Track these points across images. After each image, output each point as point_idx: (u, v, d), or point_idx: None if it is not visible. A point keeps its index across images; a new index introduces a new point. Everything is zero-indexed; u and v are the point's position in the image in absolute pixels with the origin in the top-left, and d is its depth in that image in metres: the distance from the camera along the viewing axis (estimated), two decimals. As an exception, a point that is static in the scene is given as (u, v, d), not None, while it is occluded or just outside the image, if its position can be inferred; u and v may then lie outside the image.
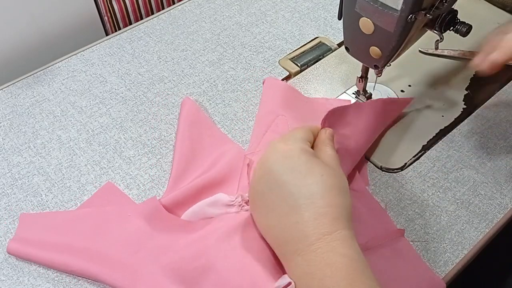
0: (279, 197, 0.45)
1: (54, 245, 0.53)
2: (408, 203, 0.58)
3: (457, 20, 0.54)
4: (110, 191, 0.59)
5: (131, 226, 0.54)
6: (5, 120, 0.68)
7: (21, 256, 0.53)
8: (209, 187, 0.57)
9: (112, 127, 0.66)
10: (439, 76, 0.71)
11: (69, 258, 0.52)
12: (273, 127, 0.61)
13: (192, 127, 0.63)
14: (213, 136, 0.63)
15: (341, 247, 0.42)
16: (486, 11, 0.80)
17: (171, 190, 0.57)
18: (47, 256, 0.52)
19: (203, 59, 0.75)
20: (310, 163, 0.46)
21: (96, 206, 0.57)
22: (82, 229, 0.54)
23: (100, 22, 0.86)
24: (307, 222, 0.43)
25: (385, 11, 0.50)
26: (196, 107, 0.66)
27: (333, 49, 0.75)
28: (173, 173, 0.59)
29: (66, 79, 0.73)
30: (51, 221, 0.56)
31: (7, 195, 0.60)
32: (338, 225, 0.43)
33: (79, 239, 0.53)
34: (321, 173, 0.45)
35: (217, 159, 0.60)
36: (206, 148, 0.62)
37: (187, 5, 0.83)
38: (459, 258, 0.53)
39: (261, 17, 0.81)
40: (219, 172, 0.58)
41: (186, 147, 0.61)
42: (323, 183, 0.45)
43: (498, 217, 0.57)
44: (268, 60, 0.74)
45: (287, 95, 0.66)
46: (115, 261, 0.51)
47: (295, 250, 0.44)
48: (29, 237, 0.54)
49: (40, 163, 0.63)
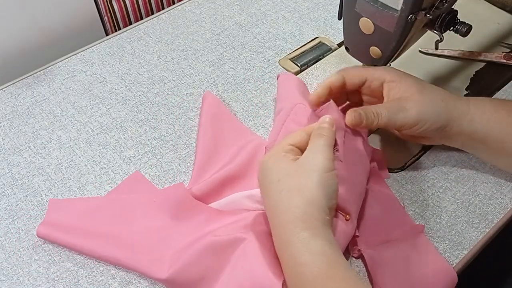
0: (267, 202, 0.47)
1: (81, 230, 0.54)
2: (408, 203, 0.58)
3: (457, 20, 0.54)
4: (137, 180, 0.60)
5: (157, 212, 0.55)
6: (5, 120, 0.68)
7: (49, 239, 0.55)
8: (232, 178, 0.58)
9: (112, 127, 0.66)
10: (439, 76, 0.71)
11: (95, 243, 0.53)
12: (292, 116, 0.61)
13: (213, 120, 0.64)
14: (235, 128, 0.64)
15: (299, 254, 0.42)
16: (486, 11, 0.80)
17: (195, 182, 0.58)
18: (74, 240, 0.54)
19: (203, 59, 0.75)
20: (271, 170, 0.46)
21: (123, 193, 0.59)
22: (109, 215, 0.56)
23: (100, 22, 0.86)
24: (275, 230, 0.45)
25: (385, 11, 0.50)
26: (217, 100, 0.67)
27: (333, 49, 0.75)
28: (196, 166, 0.60)
29: (66, 79, 0.73)
30: (79, 207, 0.57)
31: (7, 195, 0.60)
32: (295, 228, 0.43)
33: (106, 225, 0.55)
34: (278, 178, 0.45)
35: (239, 151, 0.61)
36: (228, 140, 0.62)
37: (187, 5, 0.83)
38: (459, 258, 0.53)
39: (261, 17, 0.81)
40: (242, 163, 0.59)
41: (209, 140, 0.61)
42: (277, 189, 0.45)
43: (498, 217, 0.57)
44: (268, 60, 0.74)
45: (302, 88, 0.66)
46: (140, 246, 0.52)
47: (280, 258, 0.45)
48: (57, 221, 0.55)
49: (40, 163, 0.63)
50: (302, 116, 0.60)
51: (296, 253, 0.42)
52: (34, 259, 0.54)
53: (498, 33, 0.77)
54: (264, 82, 0.71)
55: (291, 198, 0.44)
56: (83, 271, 0.53)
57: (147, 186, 0.59)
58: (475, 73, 0.71)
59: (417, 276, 0.51)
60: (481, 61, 0.72)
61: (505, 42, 0.75)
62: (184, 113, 0.68)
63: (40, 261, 0.54)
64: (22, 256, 0.54)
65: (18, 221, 0.57)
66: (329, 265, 0.41)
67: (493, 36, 0.76)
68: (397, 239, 0.53)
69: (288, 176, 0.45)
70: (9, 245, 0.55)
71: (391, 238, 0.53)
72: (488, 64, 0.72)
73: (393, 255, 0.52)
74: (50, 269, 0.53)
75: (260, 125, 0.66)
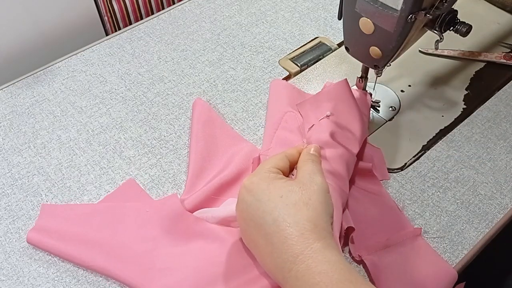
0: (255, 230, 0.46)
1: (72, 237, 0.54)
2: (408, 203, 0.58)
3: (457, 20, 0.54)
4: (131, 188, 0.59)
5: (149, 223, 0.55)
6: (5, 120, 0.68)
7: (39, 246, 0.54)
8: (226, 186, 0.58)
9: (112, 127, 0.66)
10: (439, 76, 0.71)
11: (84, 251, 0.53)
12: (283, 124, 0.62)
13: (205, 127, 0.63)
14: (226, 135, 0.64)
15: (315, 264, 0.42)
16: (486, 11, 0.80)
17: (190, 190, 0.58)
18: (63, 248, 0.53)
19: (203, 59, 0.75)
20: (269, 189, 0.46)
21: (116, 201, 0.58)
22: (100, 223, 0.55)
23: (100, 22, 0.86)
24: (278, 248, 0.43)
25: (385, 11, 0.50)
26: (207, 107, 0.66)
27: (333, 49, 0.75)
28: (190, 174, 0.59)
29: (66, 79, 0.73)
30: (71, 213, 0.56)
31: (7, 195, 0.60)
32: (308, 240, 0.43)
33: (96, 233, 0.54)
34: (280, 194, 0.45)
35: (232, 158, 0.61)
36: (221, 147, 0.62)
37: (187, 5, 0.83)
38: (459, 258, 0.53)
39: (261, 17, 0.81)
40: (234, 170, 0.59)
41: (201, 147, 0.61)
42: (283, 203, 0.45)
43: (498, 217, 0.57)
44: (268, 60, 0.74)
45: (292, 94, 0.66)
46: (130, 257, 0.52)
47: (282, 278, 0.44)
48: (48, 227, 0.55)
49: (40, 163, 0.63)
50: (293, 124, 0.61)
51: (312, 263, 0.42)
52: (34, 259, 0.54)
53: (498, 33, 0.77)
54: (264, 82, 0.71)
55: (298, 212, 0.44)
56: (83, 271, 0.53)
57: (140, 195, 0.59)
58: (475, 73, 0.71)
59: (419, 279, 0.51)
60: (481, 61, 0.72)
61: (505, 42, 0.75)
62: (184, 113, 0.68)
63: (40, 261, 0.54)
64: (22, 256, 0.54)
65: (18, 221, 0.57)
66: (349, 271, 0.42)
67: (493, 36, 0.76)
68: (396, 244, 0.53)
69: (292, 192, 0.45)
70: (9, 245, 0.55)
71: (391, 243, 0.53)
72: (488, 64, 0.72)
73: (394, 260, 0.52)
74: (50, 269, 0.53)
75: (260, 125, 0.66)
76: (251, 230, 0.46)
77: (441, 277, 0.51)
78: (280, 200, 0.45)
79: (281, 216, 0.44)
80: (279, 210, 0.44)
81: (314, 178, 0.47)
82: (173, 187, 0.60)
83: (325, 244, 0.43)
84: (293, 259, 0.42)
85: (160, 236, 0.53)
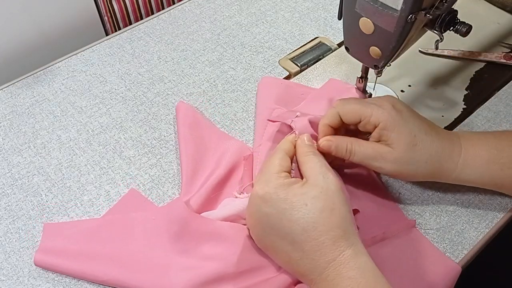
0: (278, 238, 0.46)
1: (81, 253, 0.53)
2: (408, 203, 0.58)
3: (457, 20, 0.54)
4: (134, 198, 0.59)
5: (157, 230, 0.54)
6: (5, 120, 0.68)
7: (48, 267, 0.53)
8: (222, 182, 0.58)
9: (112, 127, 0.66)
10: (439, 76, 0.71)
11: (97, 267, 0.52)
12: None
13: (192, 129, 0.63)
14: (214, 134, 0.64)
15: (346, 270, 0.43)
16: (486, 11, 0.80)
17: (186, 193, 0.57)
18: (74, 266, 0.52)
19: (203, 59, 0.75)
20: (290, 198, 0.46)
21: (120, 213, 0.57)
22: (109, 236, 0.54)
23: (100, 22, 0.86)
24: (309, 255, 0.45)
25: (385, 11, 0.50)
26: (191, 109, 0.66)
27: (333, 49, 0.75)
28: (184, 177, 0.59)
29: (66, 79, 0.73)
30: (76, 230, 0.55)
31: (7, 195, 0.60)
32: (340, 247, 0.44)
33: (106, 247, 0.53)
34: (304, 202, 0.45)
35: (223, 155, 0.61)
36: (210, 147, 0.62)
37: (187, 5, 0.83)
38: (459, 258, 0.53)
39: (261, 17, 0.81)
40: (229, 166, 0.59)
41: (191, 150, 0.61)
42: (310, 212, 0.45)
43: (498, 217, 0.57)
44: (268, 60, 0.74)
45: (280, 90, 0.67)
46: (144, 266, 0.52)
47: (311, 280, 0.46)
48: (54, 247, 0.53)
49: (40, 163, 0.63)
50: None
51: (344, 269, 0.43)
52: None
53: (498, 33, 0.77)
54: (264, 82, 0.71)
55: (327, 219, 0.45)
56: (83, 271, 0.53)
57: (144, 204, 0.58)
58: (475, 73, 0.71)
59: (415, 270, 0.52)
60: (481, 61, 0.72)
61: (505, 42, 0.75)
62: (184, 113, 0.67)
63: (40, 261, 0.54)
64: (22, 256, 0.54)
65: (18, 221, 0.57)
66: (375, 279, 0.43)
67: (493, 36, 0.76)
68: (392, 236, 0.54)
69: (315, 199, 0.45)
70: (9, 245, 0.55)
71: (387, 236, 0.54)
72: (488, 64, 0.72)
73: (391, 252, 0.53)
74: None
75: (260, 125, 0.66)
76: (272, 238, 0.47)
77: (436, 267, 0.52)
78: (306, 209, 0.45)
79: (310, 225, 0.44)
80: (307, 219, 0.45)
81: (327, 177, 0.47)
82: (173, 187, 0.60)
83: (356, 250, 0.45)
84: (326, 265, 0.44)
85: (170, 241, 0.53)
